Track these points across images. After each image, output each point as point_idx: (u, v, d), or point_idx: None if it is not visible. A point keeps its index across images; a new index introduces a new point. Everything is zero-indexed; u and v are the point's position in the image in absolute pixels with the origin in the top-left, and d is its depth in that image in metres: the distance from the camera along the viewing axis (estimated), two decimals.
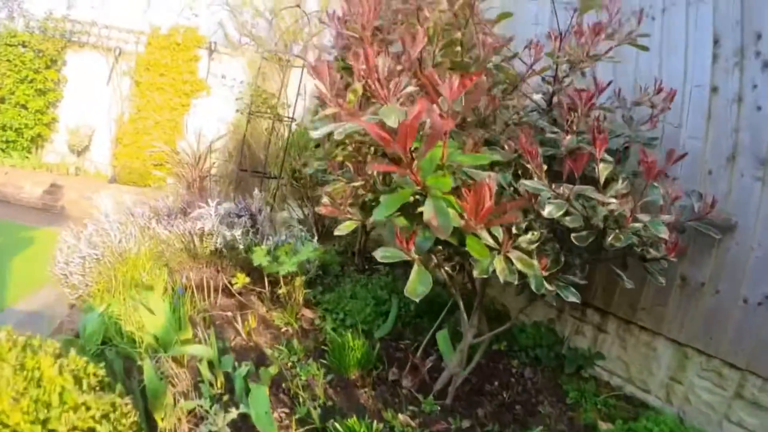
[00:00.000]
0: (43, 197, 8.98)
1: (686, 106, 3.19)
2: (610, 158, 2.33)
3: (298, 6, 7.34)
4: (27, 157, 9.87)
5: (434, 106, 1.80)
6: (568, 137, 2.38)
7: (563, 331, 3.83)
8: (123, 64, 10.05)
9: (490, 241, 2.06)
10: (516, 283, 2.13)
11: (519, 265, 2.08)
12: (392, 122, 1.77)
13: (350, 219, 2.34)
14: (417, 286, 2.00)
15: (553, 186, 2.24)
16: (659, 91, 2.86)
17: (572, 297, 2.33)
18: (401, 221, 2.12)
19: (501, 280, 2.12)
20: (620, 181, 2.30)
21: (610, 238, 2.27)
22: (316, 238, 4.35)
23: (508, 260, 2.07)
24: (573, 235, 2.26)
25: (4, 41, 9.78)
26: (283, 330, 3.59)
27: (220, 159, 9.48)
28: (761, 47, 2.82)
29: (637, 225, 2.26)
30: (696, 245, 2.92)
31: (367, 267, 4.81)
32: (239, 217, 4.19)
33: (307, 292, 3.82)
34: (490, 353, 3.61)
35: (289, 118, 5.68)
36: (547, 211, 2.18)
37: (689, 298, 2.99)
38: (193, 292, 3.56)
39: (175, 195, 8.25)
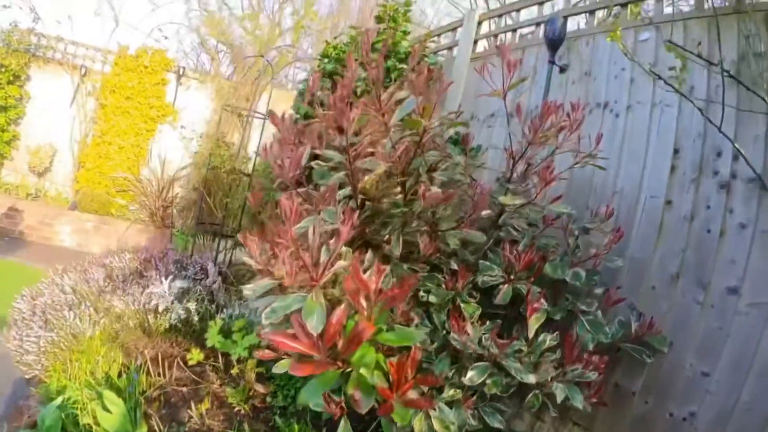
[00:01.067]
0: (2, 220, 8.93)
1: (639, 216, 3.25)
2: (544, 305, 2.48)
3: (261, 55, 7.50)
4: None
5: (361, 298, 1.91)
6: (504, 289, 2.52)
7: None
8: (89, 84, 10.02)
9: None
10: None
11: (438, 427, 2.19)
12: (314, 327, 1.85)
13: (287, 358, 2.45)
14: None
15: (480, 344, 2.40)
16: (610, 215, 2.94)
17: (497, 423, 2.47)
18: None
19: None
20: (548, 339, 2.45)
21: (529, 397, 2.45)
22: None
23: (428, 417, 2.19)
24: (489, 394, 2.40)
25: None
26: (236, 410, 3.72)
27: (185, 187, 9.55)
28: (720, 166, 2.87)
29: (555, 389, 2.41)
30: (631, 357, 2.95)
31: None
32: (194, 282, 4.33)
33: (259, 370, 3.96)
34: None
35: (247, 174, 5.80)
36: (468, 377, 2.30)
37: (620, 404, 3.06)
38: (148, 368, 3.69)
39: (143, 230, 8.38)
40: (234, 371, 3.85)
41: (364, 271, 2.21)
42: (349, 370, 1.95)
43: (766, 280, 2.58)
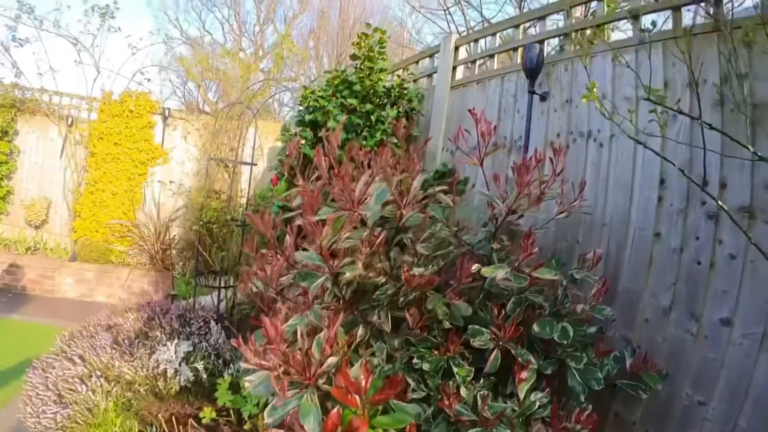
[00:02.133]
0: (3, 277, 9.05)
1: (629, 249, 3.27)
2: (533, 365, 2.57)
3: (241, 102, 7.65)
4: None
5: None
6: (494, 354, 2.58)
7: None
8: (76, 133, 10.14)
9: None
10: None
11: None
12: (311, 428, 1.95)
13: None
14: None
15: (476, 407, 2.43)
16: (597, 261, 3.01)
17: None
18: None
19: None
20: (538, 399, 2.53)
21: None
22: None
23: None
24: None
25: None
26: None
27: (181, 229, 9.68)
28: (707, 196, 2.82)
29: None
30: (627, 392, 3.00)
31: None
32: (200, 338, 4.47)
33: None
34: None
35: (239, 224, 5.94)
36: None
37: None
38: (163, 430, 3.83)
39: (144, 274, 8.51)
40: (247, 426, 3.98)
41: (356, 349, 2.37)
42: None
43: (758, 310, 2.59)
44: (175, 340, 4.22)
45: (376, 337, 2.72)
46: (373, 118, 4.90)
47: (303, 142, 4.96)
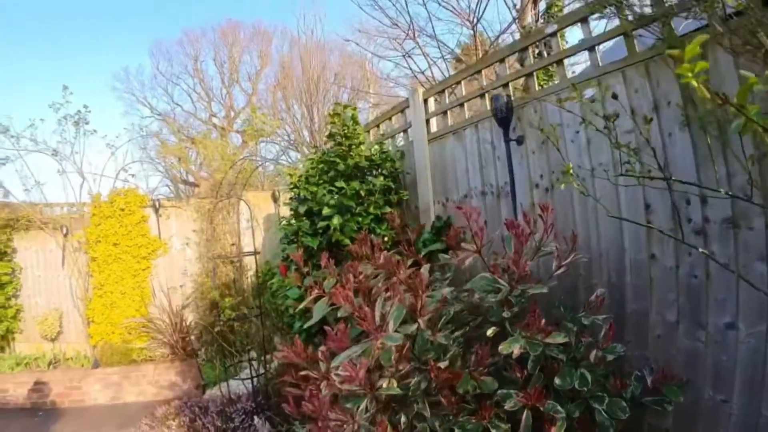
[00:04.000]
0: (30, 396, 9.05)
1: (629, 274, 3.43)
2: (561, 414, 2.75)
3: (236, 196, 7.86)
4: (1, 357, 9.99)
5: None
6: (525, 415, 2.77)
7: None
8: (73, 240, 10.30)
9: None
10: None
11: None
12: None
13: None
14: None
15: None
16: (601, 303, 3.22)
17: None
18: None
19: None
20: None
21: None
22: None
23: None
24: None
25: None
26: None
27: (195, 313, 9.81)
28: (691, 213, 3.00)
29: None
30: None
31: None
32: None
33: None
34: None
35: (256, 316, 6.11)
36: None
37: None
38: None
39: (169, 367, 8.60)
40: None
41: None
42: None
43: (758, 309, 2.74)
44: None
45: (418, 418, 2.91)
46: (362, 192, 5.09)
47: (301, 234, 5.13)
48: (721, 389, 2.95)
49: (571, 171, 2.79)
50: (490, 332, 2.98)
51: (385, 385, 2.67)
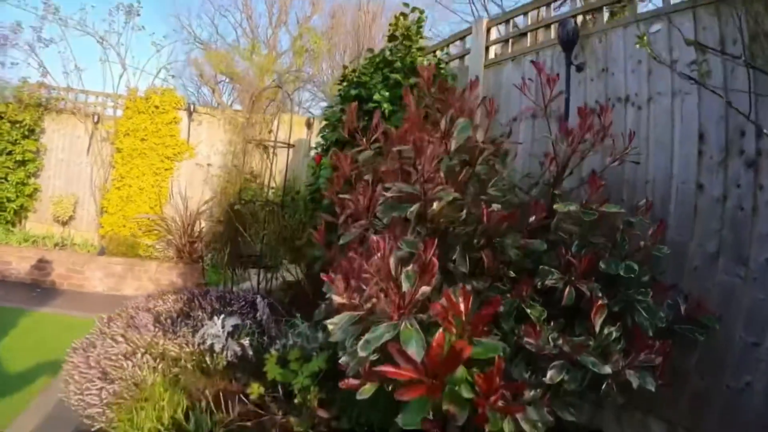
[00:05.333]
0: (32, 272, 8.93)
1: (673, 203, 3.30)
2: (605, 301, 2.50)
3: (279, 87, 7.49)
4: (11, 231, 9.81)
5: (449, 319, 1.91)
6: (567, 290, 2.53)
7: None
8: (102, 130, 10.06)
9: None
10: None
11: (526, 427, 2.16)
12: (415, 353, 1.87)
13: (371, 383, 2.41)
14: None
15: (555, 343, 2.38)
16: (649, 208, 3.01)
17: (569, 416, 2.43)
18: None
19: None
20: (614, 331, 2.45)
21: (603, 387, 2.43)
22: (320, 333, 4.42)
23: (515, 422, 2.17)
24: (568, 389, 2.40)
25: None
26: None
27: (208, 222, 9.53)
28: (745, 145, 2.92)
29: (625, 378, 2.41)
30: (683, 338, 2.98)
31: None
32: (243, 317, 4.28)
33: (321, 396, 3.90)
34: None
35: (279, 205, 5.76)
36: (549, 376, 2.31)
37: (678, 383, 3.06)
38: (211, 407, 3.63)
39: (173, 267, 8.35)
40: (297, 400, 3.78)
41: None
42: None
43: None
44: (222, 315, 4.02)
45: (450, 283, 2.56)
46: (415, 93, 4.72)
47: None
48: (753, 331, 2.83)
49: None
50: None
51: (443, 198, 2.35)
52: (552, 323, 2.57)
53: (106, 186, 9.93)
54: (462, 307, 1.91)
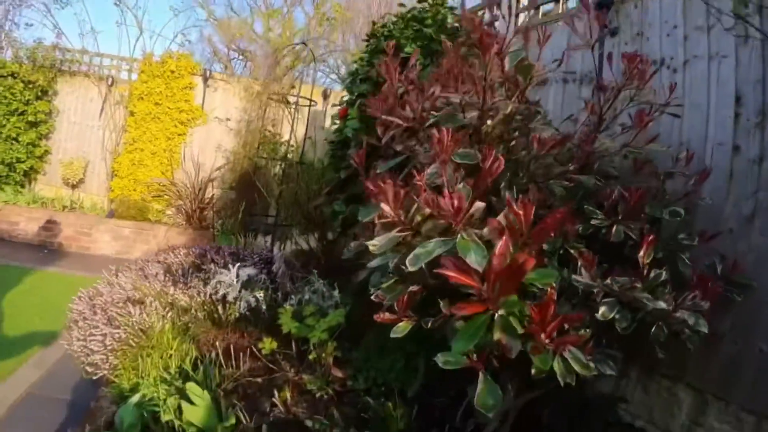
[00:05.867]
0: (39, 234, 8.72)
1: (708, 165, 3.15)
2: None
3: (305, 44, 7.19)
4: (20, 192, 9.58)
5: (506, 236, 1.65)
6: (615, 228, 2.41)
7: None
8: (116, 93, 9.80)
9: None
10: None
11: (577, 367, 1.95)
12: (475, 262, 1.63)
13: (407, 320, 2.16)
14: (487, 399, 1.82)
15: (603, 282, 2.19)
16: (690, 159, 2.86)
17: (609, 370, 2.26)
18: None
19: (561, 382, 2.00)
20: (662, 273, 2.29)
21: (653, 330, 2.28)
22: (336, 291, 4.16)
23: (564, 361, 1.94)
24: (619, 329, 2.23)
25: None
26: (317, 396, 3.42)
27: (220, 189, 9.28)
28: None
29: (679, 317, 2.25)
30: (716, 300, 2.75)
31: None
32: (257, 273, 4.02)
33: (336, 354, 3.65)
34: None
35: (299, 162, 5.48)
36: (601, 312, 2.16)
37: (709, 349, 2.95)
38: (220, 360, 3.39)
39: (182, 232, 8.11)
40: (312, 356, 3.53)
41: None
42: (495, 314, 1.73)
43: None
44: (237, 264, 3.76)
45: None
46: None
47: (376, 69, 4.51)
48: None
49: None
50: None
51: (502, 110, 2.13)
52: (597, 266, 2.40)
53: (117, 149, 9.69)
54: (525, 217, 1.65)
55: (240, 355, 3.48)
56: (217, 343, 3.45)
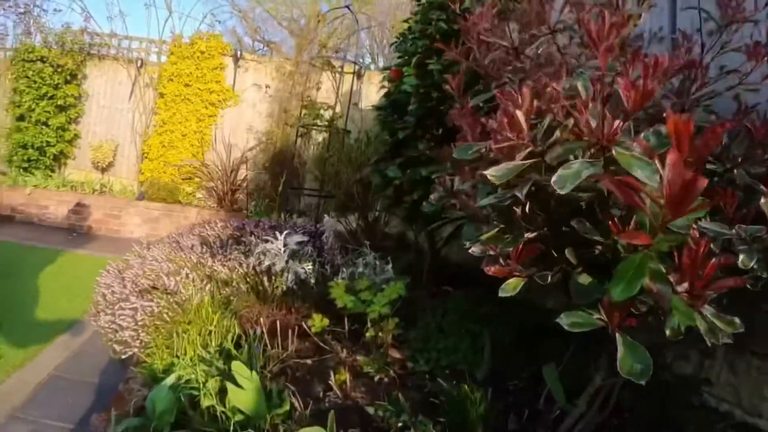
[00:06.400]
0: (69, 217, 8.40)
1: None
2: None
3: (347, 7, 6.69)
4: (50, 176, 9.24)
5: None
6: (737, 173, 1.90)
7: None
8: (146, 76, 9.40)
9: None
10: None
11: (721, 325, 1.46)
12: (645, 177, 1.20)
13: (517, 276, 1.65)
14: (632, 362, 1.41)
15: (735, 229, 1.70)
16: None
17: (726, 338, 1.74)
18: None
19: (708, 342, 1.51)
20: None
21: None
22: (390, 265, 3.66)
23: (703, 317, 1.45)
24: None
25: (22, 57, 9.12)
26: (376, 379, 2.92)
27: (252, 171, 8.83)
28: None
29: None
30: None
31: (436, 290, 4.15)
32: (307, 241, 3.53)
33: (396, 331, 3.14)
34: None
35: (344, 129, 4.99)
36: (741, 260, 1.68)
37: None
38: (265, 339, 2.90)
39: (213, 215, 7.67)
40: (369, 335, 3.03)
41: None
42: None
43: None
44: (286, 231, 3.26)
45: None
46: None
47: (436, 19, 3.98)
48: None
49: None
50: None
51: None
52: None
53: (147, 132, 9.30)
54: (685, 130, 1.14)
55: (288, 334, 2.99)
56: (261, 320, 2.96)
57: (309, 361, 2.99)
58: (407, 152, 3.89)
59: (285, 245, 3.17)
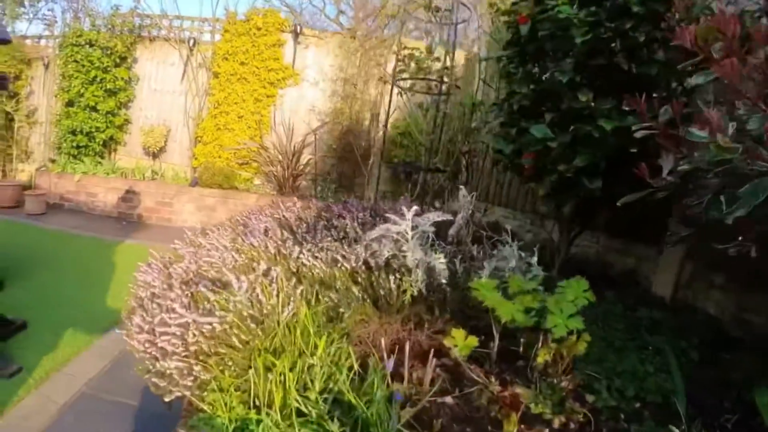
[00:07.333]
0: (119, 205, 7.51)
1: None
2: None
3: None
4: (99, 163, 8.32)
5: None
6: None
7: None
8: (198, 56, 8.37)
9: None
10: None
11: None
12: None
13: None
14: None
15: None
16: None
17: None
18: None
19: None
20: None
21: None
22: (535, 258, 2.44)
23: None
24: None
25: (70, 41, 8.22)
26: (556, 426, 1.73)
27: (318, 154, 7.70)
28: None
29: None
30: None
31: None
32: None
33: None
34: None
35: (456, 86, 3.76)
36: None
37: None
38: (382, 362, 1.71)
39: (265, 200, 6.58)
40: (541, 358, 1.82)
41: None
42: None
43: None
44: (414, 207, 2.03)
45: None
46: None
47: None
48: None
49: None
50: None
51: None
52: None
53: (200, 115, 8.27)
54: None
55: (419, 357, 1.80)
56: (383, 341, 1.76)
57: (449, 399, 1.81)
58: (561, 105, 2.68)
59: (414, 227, 1.96)
